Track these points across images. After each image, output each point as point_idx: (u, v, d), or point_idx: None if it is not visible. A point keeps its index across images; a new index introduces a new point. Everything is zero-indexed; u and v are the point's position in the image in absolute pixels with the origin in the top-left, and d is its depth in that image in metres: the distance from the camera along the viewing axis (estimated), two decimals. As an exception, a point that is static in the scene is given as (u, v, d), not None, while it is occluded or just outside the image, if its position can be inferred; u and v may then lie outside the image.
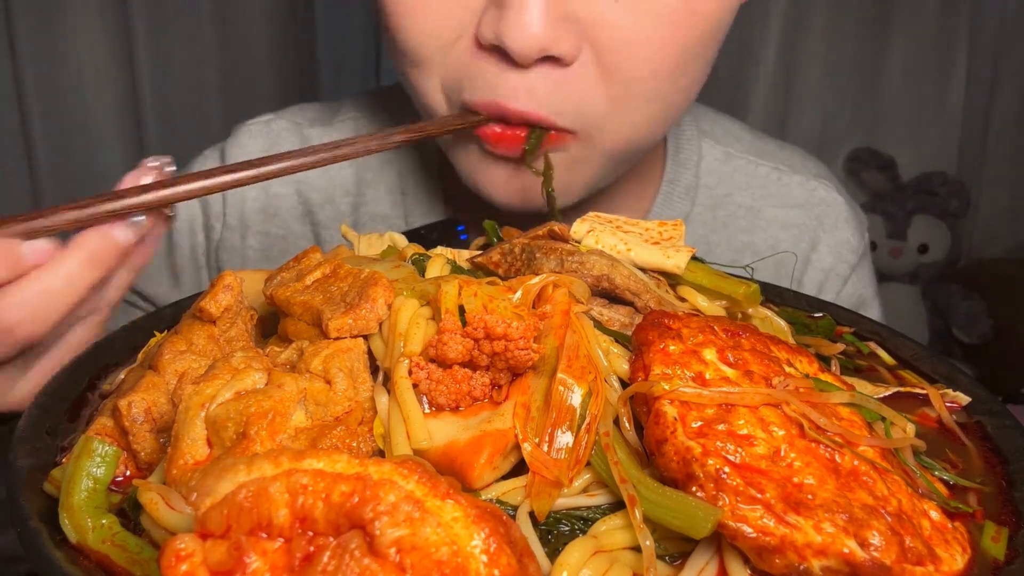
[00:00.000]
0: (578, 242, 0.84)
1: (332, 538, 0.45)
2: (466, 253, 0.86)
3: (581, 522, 0.59)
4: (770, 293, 0.96)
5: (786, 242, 1.32)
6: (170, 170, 0.85)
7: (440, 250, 0.86)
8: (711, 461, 0.57)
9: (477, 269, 0.82)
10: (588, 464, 0.61)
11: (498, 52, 0.98)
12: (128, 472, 0.65)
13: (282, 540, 0.46)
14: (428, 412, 0.63)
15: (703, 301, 0.80)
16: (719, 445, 0.58)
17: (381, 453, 0.62)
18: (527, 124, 1.00)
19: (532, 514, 0.58)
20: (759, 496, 0.55)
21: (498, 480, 0.60)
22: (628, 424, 0.63)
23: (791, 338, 0.82)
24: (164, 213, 0.86)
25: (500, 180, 1.06)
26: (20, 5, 2.54)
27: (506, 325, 0.62)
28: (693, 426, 0.59)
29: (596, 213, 0.88)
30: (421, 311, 0.69)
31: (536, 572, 0.49)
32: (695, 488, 0.56)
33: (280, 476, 0.46)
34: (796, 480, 0.57)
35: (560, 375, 0.63)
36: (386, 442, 0.61)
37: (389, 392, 0.64)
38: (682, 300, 0.81)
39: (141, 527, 0.58)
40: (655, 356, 0.64)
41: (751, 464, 0.57)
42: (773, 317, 0.84)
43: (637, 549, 0.55)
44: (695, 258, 0.83)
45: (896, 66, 3.28)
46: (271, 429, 0.59)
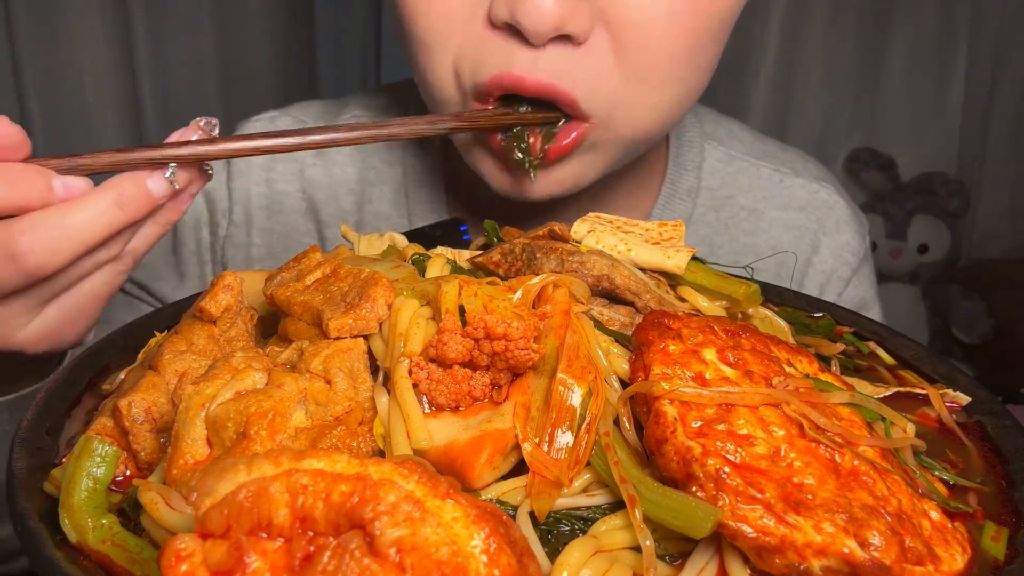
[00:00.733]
0: (578, 242, 0.84)
1: (332, 538, 0.45)
2: (466, 253, 0.86)
3: (581, 522, 0.59)
4: (770, 293, 0.96)
5: (788, 244, 1.33)
6: (215, 132, 0.85)
7: (440, 250, 0.86)
8: (711, 461, 0.57)
9: (477, 269, 0.82)
10: (588, 464, 0.61)
11: (510, 31, 0.98)
12: (128, 472, 0.65)
13: (282, 540, 0.46)
14: (428, 412, 0.63)
15: (703, 301, 0.80)
16: (719, 445, 0.58)
17: (381, 453, 0.62)
18: (543, 98, 0.99)
19: (532, 514, 0.58)
20: (759, 496, 0.55)
21: (498, 480, 0.60)
22: (628, 424, 0.63)
23: (791, 338, 0.81)
24: (203, 170, 0.85)
25: (496, 167, 1.07)
26: (20, 5, 2.54)
27: (506, 325, 0.62)
28: (693, 426, 0.59)
29: (597, 214, 0.88)
30: (421, 311, 0.69)
31: (536, 572, 0.49)
32: (695, 488, 0.56)
33: (280, 476, 0.46)
34: (796, 480, 0.57)
35: (560, 375, 0.63)
36: (386, 442, 0.61)
37: (389, 392, 0.64)
38: (682, 300, 0.81)
39: (141, 527, 0.58)
40: (655, 356, 0.64)
41: (751, 464, 0.57)
42: (773, 317, 0.84)
43: (637, 549, 0.55)
44: (695, 258, 0.83)
45: (896, 66, 3.28)
46: (271, 429, 0.59)
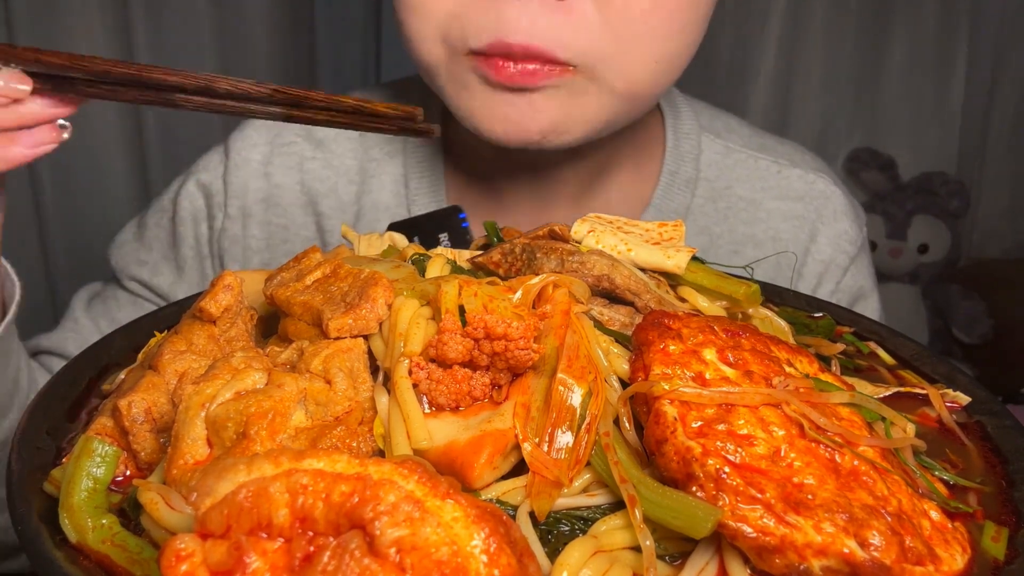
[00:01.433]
0: (578, 242, 0.84)
1: (332, 538, 0.45)
2: (466, 253, 0.86)
3: (581, 522, 0.59)
4: (770, 293, 0.96)
5: (786, 233, 1.34)
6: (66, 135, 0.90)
7: (440, 250, 0.86)
8: (711, 461, 0.57)
9: (477, 269, 0.82)
10: (588, 464, 0.61)
11: None
12: (128, 472, 0.65)
13: (282, 540, 0.46)
14: (428, 412, 0.63)
15: (703, 301, 0.80)
16: (719, 445, 0.58)
17: (381, 453, 0.62)
18: (530, 58, 1.01)
19: (532, 514, 0.58)
20: (759, 496, 0.55)
21: (498, 480, 0.60)
22: (628, 424, 0.63)
23: (791, 338, 0.81)
24: (59, 127, 0.89)
25: (498, 114, 1.07)
26: (20, 5, 2.54)
27: (506, 325, 0.62)
28: (693, 426, 0.59)
29: (597, 214, 0.88)
30: (421, 311, 0.69)
31: (536, 572, 0.49)
32: (695, 488, 0.56)
33: (280, 476, 0.46)
34: (796, 480, 0.57)
35: (560, 375, 0.63)
36: (386, 442, 0.61)
37: (389, 392, 0.64)
38: (682, 300, 0.81)
39: (141, 527, 0.58)
40: (655, 356, 0.64)
41: (751, 464, 0.57)
42: (773, 317, 0.84)
43: (637, 549, 0.55)
44: (695, 258, 0.83)
45: (896, 66, 3.27)
46: (271, 429, 0.59)
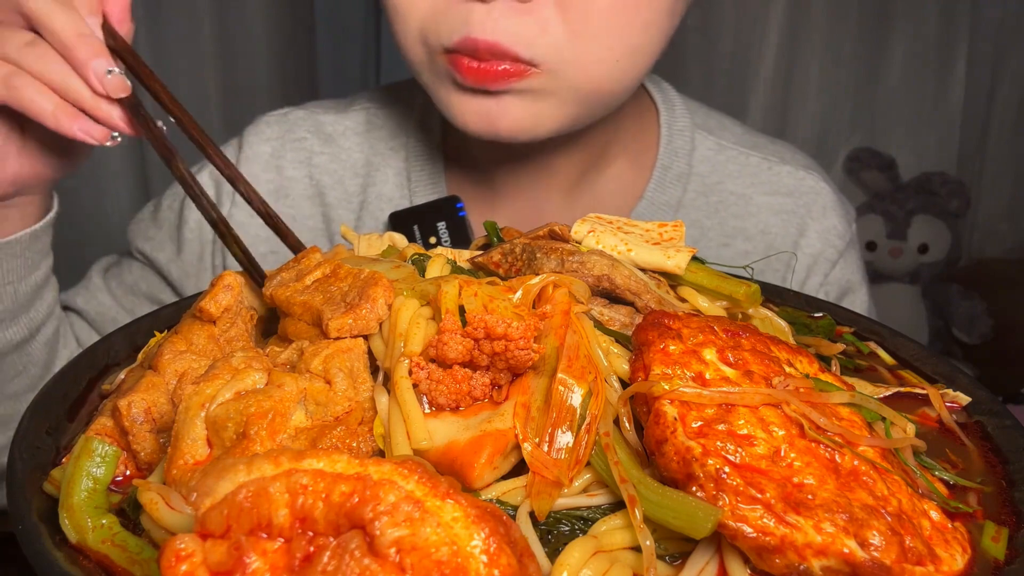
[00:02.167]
0: (578, 242, 0.84)
1: (332, 538, 0.45)
2: (466, 253, 0.86)
3: (581, 522, 0.59)
4: (770, 293, 0.96)
5: (776, 227, 1.37)
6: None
7: (440, 250, 0.86)
8: (711, 461, 0.56)
9: (477, 269, 0.82)
10: (588, 464, 0.61)
11: None
12: (128, 472, 0.65)
13: (282, 540, 0.46)
14: (428, 412, 0.63)
15: (703, 301, 0.80)
16: (719, 445, 0.58)
17: (381, 453, 0.62)
18: (495, 56, 1.07)
19: (532, 514, 0.58)
20: (759, 496, 0.55)
21: (498, 480, 0.60)
22: (628, 424, 0.63)
23: (791, 338, 0.82)
24: (111, 135, 0.95)
25: (470, 110, 1.14)
26: None
27: (506, 325, 0.62)
28: (693, 426, 0.59)
29: (597, 215, 0.88)
30: (421, 311, 0.69)
31: (536, 572, 0.49)
32: (695, 488, 0.56)
33: (280, 476, 0.46)
34: (796, 480, 0.57)
35: (560, 375, 0.63)
36: (386, 442, 0.61)
37: (389, 392, 0.64)
38: (682, 300, 0.81)
39: (141, 527, 0.58)
40: (655, 356, 0.64)
41: (751, 464, 0.57)
42: (773, 317, 0.84)
43: (637, 549, 0.55)
44: (695, 258, 0.83)
45: (896, 66, 3.27)
46: (271, 429, 0.59)
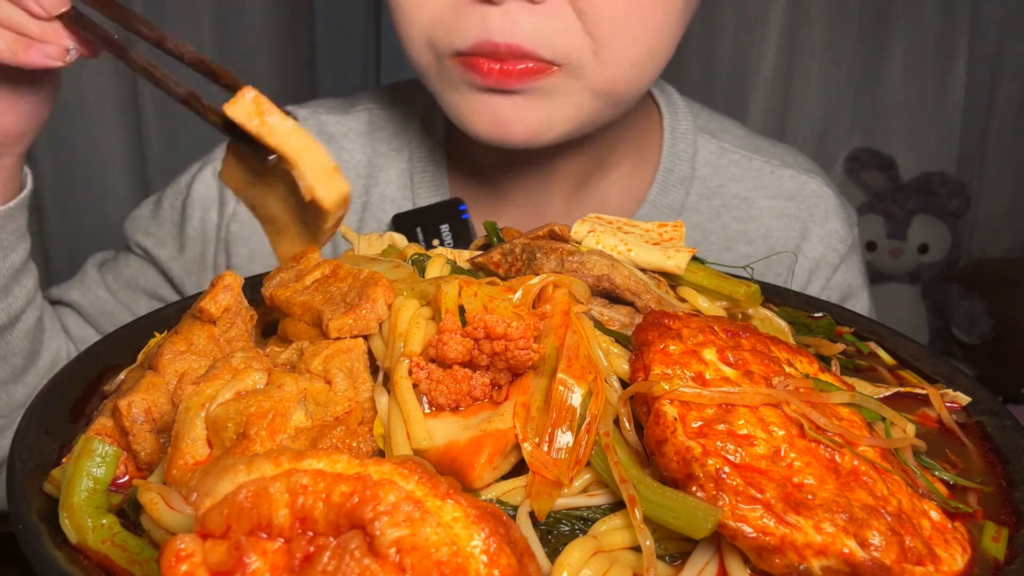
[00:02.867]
0: (578, 242, 0.84)
1: (332, 538, 0.45)
2: (466, 253, 0.86)
3: (581, 522, 0.59)
4: (770, 293, 0.96)
5: (778, 231, 1.36)
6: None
7: (440, 250, 0.86)
8: (711, 461, 0.56)
9: (477, 269, 0.82)
10: (588, 464, 0.61)
11: None
12: (128, 472, 0.65)
13: (282, 540, 0.46)
14: (428, 412, 0.63)
15: (703, 302, 0.80)
16: (719, 445, 0.58)
17: (381, 453, 0.62)
18: (515, 56, 1.06)
19: (532, 514, 0.58)
20: (759, 496, 0.55)
21: (498, 480, 0.60)
22: (628, 424, 0.63)
23: (791, 338, 0.81)
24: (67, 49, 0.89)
25: (482, 113, 1.12)
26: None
27: (506, 325, 0.62)
28: (693, 426, 0.59)
29: (597, 215, 0.88)
30: (421, 311, 0.69)
31: (536, 572, 0.49)
32: (695, 488, 0.56)
33: (280, 476, 0.46)
34: (796, 480, 0.57)
35: (560, 375, 0.63)
36: (386, 442, 0.61)
37: (389, 392, 0.64)
38: (682, 300, 0.81)
39: (141, 527, 0.58)
40: (655, 356, 0.64)
41: (751, 464, 0.57)
42: (773, 317, 0.84)
43: (637, 549, 0.55)
44: (695, 258, 0.83)
45: (896, 66, 3.27)
46: (271, 429, 0.59)
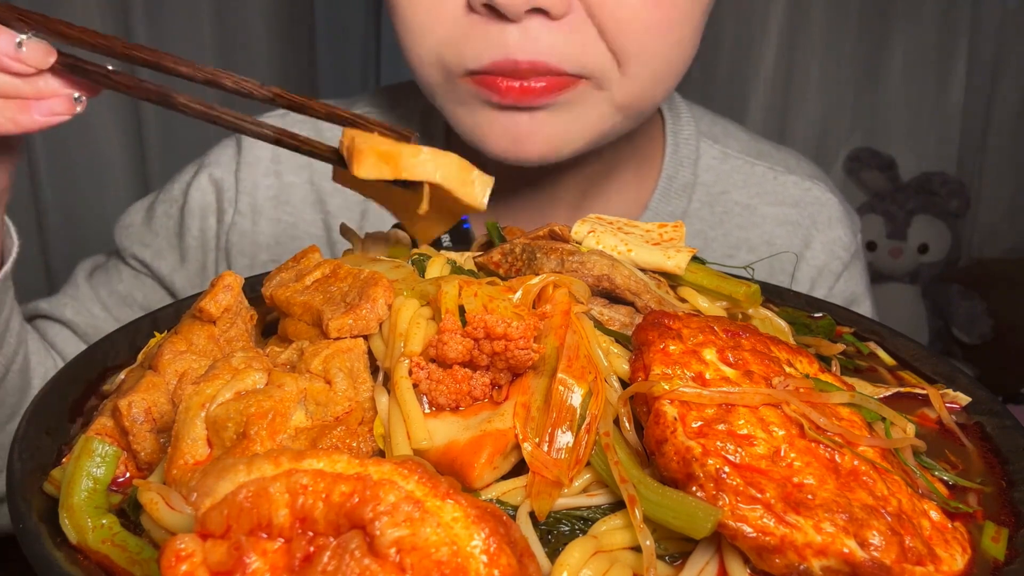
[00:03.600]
0: (578, 243, 0.84)
1: (332, 538, 0.45)
2: (467, 253, 0.86)
3: (581, 522, 0.59)
4: (770, 293, 0.96)
5: (781, 238, 1.35)
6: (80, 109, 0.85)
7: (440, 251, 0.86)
8: (711, 461, 0.56)
9: (478, 269, 0.82)
10: (588, 464, 0.61)
11: (488, 11, 1.03)
12: (128, 472, 0.65)
13: (282, 540, 0.46)
14: (428, 412, 0.63)
15: (704, 302, 0.80)
16: (719, 445, 0.58)
17: (381, 453, 0.62)
18: (536, 73, 1.04)
19: (532, 514, 0.58)
20: (759, 496, 0.55)
21: (498, 480, 0.60)
22: (628, 424, 0.63)
23: (791, 338, 0.81)
24: (72, 98, 0.84)
25: (498, 130, 1.10)
26: (19, 4, 2.54)
27: (506, 325, 0.62)
28: (693, 426, 0.59)
29: (597, 215, 0.88)
30: (421, 311, 0.69)
31: (536, 572, 0.49)
32: (695, 488, 0.56)
33: (280, 476, 0.46)
34: (796, 480, 0.57)
35: (560, 375, 0.63)
36: (386, 442, 0.61)
37: (389, 392, 0.64)
38: (682, 301, 0.81)
39: (141, 527, 0.58)
40: (655, 356, 0.64)
41: (751, 464, 0.57)
42: (773, 317, 0.84)
43: (637, 549, 0.55)
44: (695, 259, 0.83)
45: (896, 66, 3.27)
46: (271, 429, 0.59)
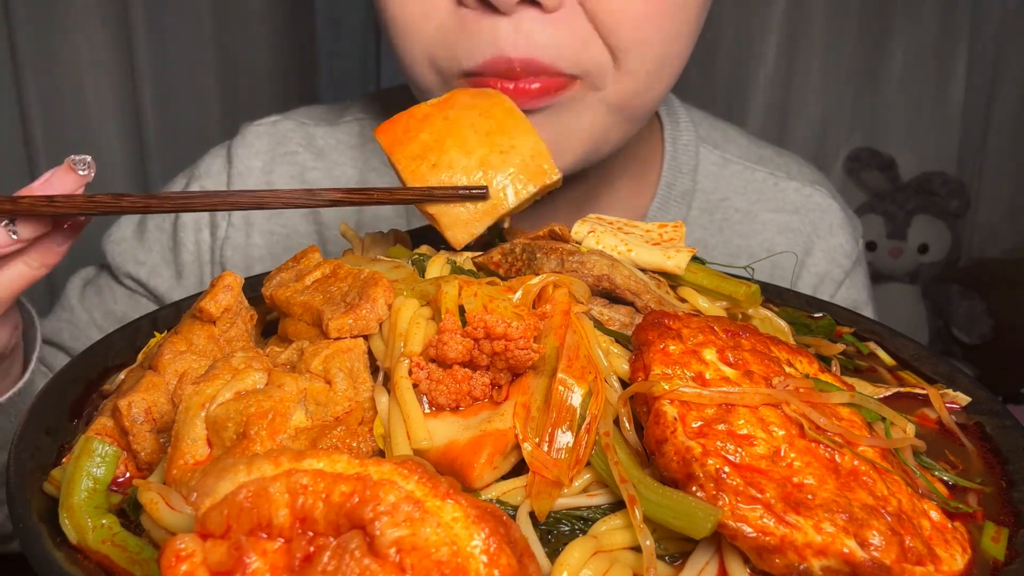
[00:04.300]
0: (578, 243, 0.84)
1: (332, 538, 0.45)
2: (467, 253, 0.86)
3: (581, 522, 0.59)
4: (770, 293, 0.96)
5: (781, 246, 1.34)
6: (89, 172, 0.82)
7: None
8: (711, 461, 0.56)
9: (478, 269, 0.82)
10: (588, 464, 0.61)
11: (481, 8, 1.00)
12: (128, 472, 0.65)
13: (282, 540, 0.46)
14: (428, 412, 0.63)
15: (703, 302, 0.80)
16: (719, 445, 0.58)
17: (381, 453, 0.62)
18: (530, 72, 1.01)
19: (532, 514, 0.58)
20: (759, 496, 0.55)
21: (498, 480, 0.60)
22: (628, 424, 0.63)
23: (791, 338, 0.81)
24: (77, 220, 0.83)
25: None
26: (20, 6, 2.54)
27: (506, 325, 0.62)
28: (693, 426, 0.59)
29: (597, 215, 0.88)
30: (421, 311, 0.69)
31: (536, 572, 0.49)
32: (695, 488, 0.56)
33: (280, 476, 0.46)
34: (796, 480, 0.57)
35: (560, 375, 0.63)
36: (386, 442, 0.61)
37: (389, 392, 0.64)
38: (682, 301, 0.81)
39: (141, 527, 0.58)
40: (655, 356, 0.64)
41: (751, 464, 0.57)
42: (773, 318, 0.84)
43: (637, 549, 0.55)
44: (695, 259, 0.83)
45: (896, 66, 3.28)
46: (271, 429, 0.59)
